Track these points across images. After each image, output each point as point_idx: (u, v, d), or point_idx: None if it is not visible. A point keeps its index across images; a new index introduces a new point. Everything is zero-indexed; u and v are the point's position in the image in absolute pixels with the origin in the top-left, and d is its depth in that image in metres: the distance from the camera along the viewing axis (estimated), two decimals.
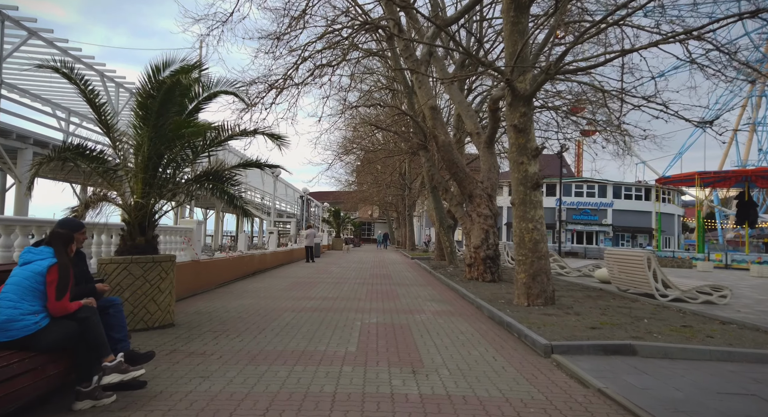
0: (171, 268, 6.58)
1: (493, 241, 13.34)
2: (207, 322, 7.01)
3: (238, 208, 6.45)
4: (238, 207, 6.44)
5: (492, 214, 13.46)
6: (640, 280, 11.14)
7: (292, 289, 11.36)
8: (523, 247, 9.02)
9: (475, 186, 13.52)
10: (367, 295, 10.66)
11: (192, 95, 6.84)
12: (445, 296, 10.88)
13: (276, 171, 21.50)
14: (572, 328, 6.65)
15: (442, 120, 13.71)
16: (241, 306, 8.59)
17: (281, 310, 8.29)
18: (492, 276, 13.11)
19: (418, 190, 38.79)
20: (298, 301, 9.36)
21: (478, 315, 8.38)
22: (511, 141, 9.27)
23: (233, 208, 6.46)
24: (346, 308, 8.72)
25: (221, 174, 6.45)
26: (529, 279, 8.87)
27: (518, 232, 9.13)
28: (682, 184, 38.01)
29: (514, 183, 9.26)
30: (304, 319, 7.50)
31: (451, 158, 13.45)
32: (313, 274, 16.05)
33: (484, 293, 10.58)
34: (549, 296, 8.91)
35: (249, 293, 10.48)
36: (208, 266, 11.16)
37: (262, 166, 7.63)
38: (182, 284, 9.54)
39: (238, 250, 14.75)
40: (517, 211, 9.16)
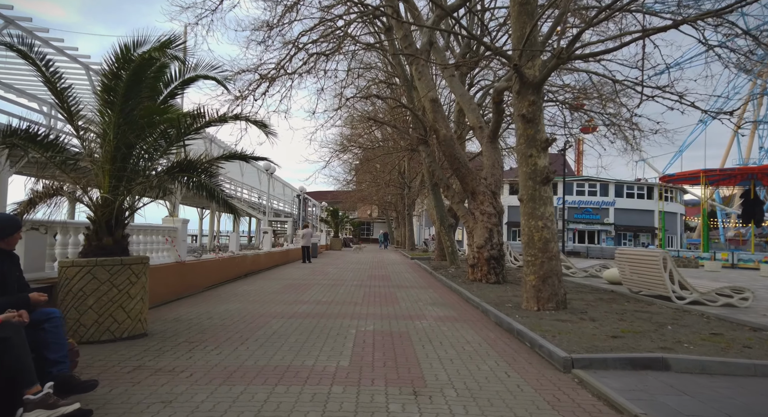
0: (143, 271, 5.89)
1: (498, 241, 12.65)
2: (185, 330, 6.31)
3: (220, 201, 5.75)
4: (220, 201, 5.74)
5: (496, 211, 12.77)
6: (654, 282, 10.46)
7: (285, 292, 10.67)
8: (532, 246, 8.33)
9: (478, 183, 12.84)
10: (365, 299, 9.97)
11: (167, 79, 6.14)
12: (448, 299, 10.20)
13: (270, 168, 20.81)
14: (591, 336, 5.96)
15: (443, 113, 13.04)
16: (226, 311, 7.90)
17: (270, 315, 7.60)
18: (496, 277, 12.43)
19: (418, 189, 38.12)
20: (289, 306, 8.67)
21: (484, 321, 7.69)
22: (518, 132, 8.59)
23: (215, 202, 5.75)
24: (341, 314, 8.03)
25: (196, 164, 5.74)
26: (539, 281, 8.19)
27: (527, 230, 8.45)
28: (686, 182, 37.38)
29: (522, 177, 8.57)
30: (293, 326, 6.81)
31: (452, 153, 12.76)
32: (308, 275, 15.36)
33: (490, 296, 9.90)
34: (560, 300, 8.23)
35: (238, 297, 9.79)
36: (194, 268, 10.47)
37: (247, 158, 6.94)
38: (165, 288, 8.86)
39: (229, 251, 14.06)
40: (526, 207, 8.48)
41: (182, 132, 5.73)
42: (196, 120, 5.72)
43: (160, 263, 8.92)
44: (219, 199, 5.75)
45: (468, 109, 13.81)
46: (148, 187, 5.53)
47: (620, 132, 15.83)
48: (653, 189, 51.54)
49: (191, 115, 5.74)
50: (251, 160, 7.00)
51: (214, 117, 5.87)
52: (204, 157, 6.50)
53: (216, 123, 5.97)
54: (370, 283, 13.44)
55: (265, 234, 18.65)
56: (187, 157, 5.72)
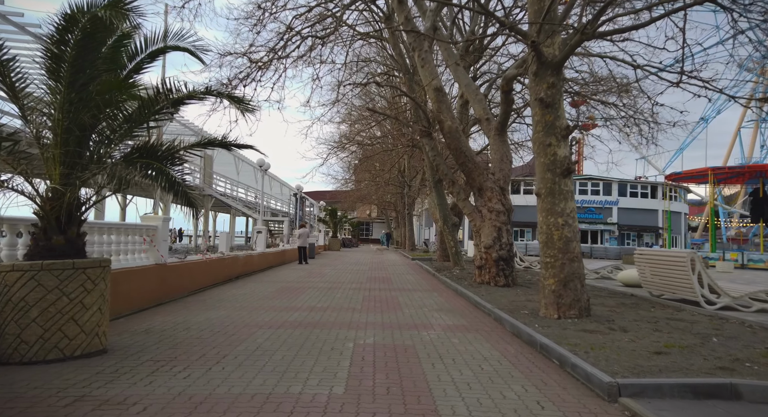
0: (102, 276, 4.98)
1: (507, 240, 11.75)
2: (153, 345, 5.40)
3: (180, 195, 4.84)
4: (179, 193, 4.83)
5: (505, 209, 11.87)
6: (679, 285, 9.57)
7: (277, 297, 9.75)
8: (551, 246, 7.43)
9: (485, 178, 11.94)
10: (364, 305, 9.06)
11: (132, 51, 5.24)
12: (455, 304, 9.30)
13: (264, 164, 19.88)
14: (630, 352, 5.06)
15: (448, 103, 12.13)
16: (207, 320, 6.98)
17: (256, 325, 6.69)
18: (506, 280, 11.52)
19: (418, 188, 37.22)
20: (279, 313, 7.76)
21: (499, 330, 6.79)
22: (535, 118, 7.69)
23: (174, 195, 4.84)
24: (337, 322, 7.12)
25: (157, 150, 4.82)
26: (560, 286, 7.29)
27: (545, 228, 7.55)
28: (693, 180, 36.46)
29: (539, 169, 7.67)
30: (281, 339, 5.90)
31: (458, 146, 11.85)
32: (304, 277, 14.45)
33: (501, 301, 8.99)
34: (584, 307, 7.33)
35: (224, 302, 8.87)
36: (177, 270, 9.56)
37: (228, 145, 6.03)
38: (141, 293, 7.96)
39: (219, 251, 13.15)
40: (544, 203, 7.58)
41: (146, 111, 4.82)
42: (160, 96, 4.80)
43: (136, 266, 8.01)
44: (179, 190, 4.82)
45: (474, 100, 12.92)
46: (106, 176, 4.62)
47: (634, 125, 14.92)
48: (657, 188, 50.69)
49: (156, 90, 4.83)
50: (233, 147, 6.09)
51: (184, 93, 4.96)
52: (179, 144, 5.60)
53: (187, 101, 5.07)
54: (369, 285, 12.53)
55: (258, 234, 17.73)
56: (150, 141, 4.81)
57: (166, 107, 4.86)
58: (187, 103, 5.16)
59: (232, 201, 30.16)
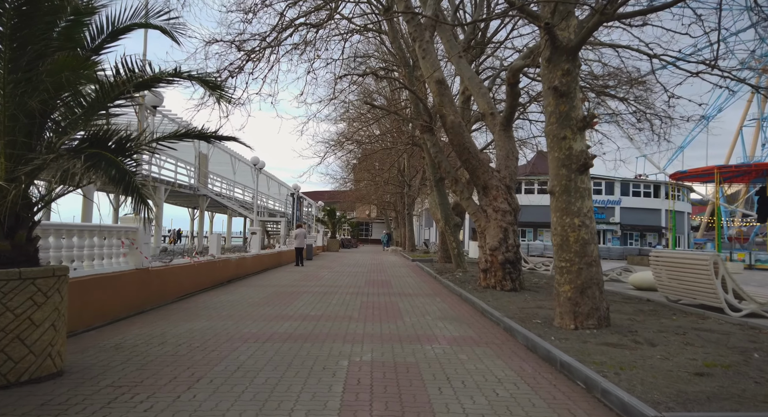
0: (57, 287, 4.30)
1: (514, 242, 11.08)
2: (120, 365, 4.73)
3: (132, 190, 4.15)
4: (132, 189, 4.14)
5: (511, 208, 11.20)
6: (700, 290, 8.91)
7: (268, 304, 9.08)
8: (566, 249, 6.76)
9: (490, 176, 11.26)
10: (361, 312, 8.39)
11: (94, 30, 4.56)
12: (460, 312, 8.62)
13: (259, 163, 19.16)
14: (667, 373, 4.39)
15: (450, 96, 11.45)
16: (187, 333, 6.30)
17: (240, 338, 6.02)
18: (512, 284, 10.85)
19: (418, 188, 36.57)
20: (268, 324, 7.08)
21: (511, 344, 6.11)
22: (548, 109, 7.02)
23: (122, 190, 4.14)
24: (331, 334, 6.44)
25: (109, 138, 4.12)
26: (576, 293, 6.62)
27: (560, 230, 6.87)
28: (698, 179, 35.79)
29: (553, 165, 7.00)
30: (267, 356, 5.22)
31: (461, 142, 11.17)
32: (299, 281, 13.77)
33: (510, 308, 8.32)
34: (603, 316, 6.65)
35: (210, 310, 8.20)
36: (161, 275, 8.88)
37: (207, 138, 5.36)
38: (119, 301, 7.30)
39: (209, 254, 12.48)
40: (558, 202, 6.91)
41: (105, 96, 4.14)
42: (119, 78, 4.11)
43: (112, 272, 7.33)
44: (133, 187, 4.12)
45: (477, 94, 12.24)
46: (52, 168, 3.92)
47: (646, 120, 14.24)
48: (660, 187, 50.07)
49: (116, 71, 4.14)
50: (214, 139, 5.41)
51: (148, 74, 4.28)
52: (149, 135, 4.93)
53: (153, 83, 4.39)
54: (368, 290, 11.86)
55: (253, 235, 17.04)
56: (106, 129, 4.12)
57: (128, 91, 4.18)
58: (154, 87, 4.49)
59: (228, 201, 29.46)
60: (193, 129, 5.27)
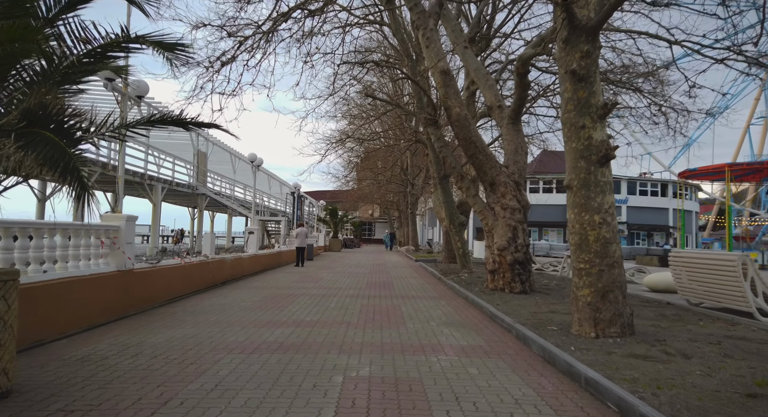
0: (2, 294, 3.71)
1: (523, 241, 10.44)
2: (80, 382, 4.13)
3: (71, 172, 3.52)
4: (70, 171, 3.51)
5: (521, 206, 10.56)
6: (726, 293, 8.26)
7: (261, 308, 8.48)
8: (585, 250, 6.13)
9: (498, 171, 10.63)
10: (361, 317, 7.78)
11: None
12: (467, 316, 8.00)
13: (257, 160, 18.57)
14: (713, 394, 3.76)
15: (456, 88, 10.83)
16: (167, 342, 5.71)
17: (225, 349, 5.42)
18: (522, 285, 10.22)
19: (422, 186, 35.94)
20: (258, 331, 6.48)
21: (525, 354, 5.49)
22: (565, 96, 6.39)
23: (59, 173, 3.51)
24: (326, 344, 5.83)
25: (52, 117, 3.50)
26: (597, 297, 5.99)
27: (578, 228, 6.24)
28: (708, 177, 34.99)
29: (570, 157, 6.37)
30: (251, 370, 4.62)
31: (467, 136, 10.55)
32: (297, 282, 13.17)
33: (521, 313, 7.70)
34: (627, 322, 6.02)
35: (198, 315, 7.60)
36: (147, 278, 8.29)
37: (185, 124, 4.75)
38: (96, 306, 6.72)
39: (202, 254, 11.90)
40: (576, 197, 6.28)
41: (52, 68, 3.54)
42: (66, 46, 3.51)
43: (89, 274, 6.74)
44: (69, 166, 3.46)
45: (484, 86, 11.62)
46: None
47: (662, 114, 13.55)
48: (667, 186, 49.26)
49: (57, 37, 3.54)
50: (192, 127, 4.81)
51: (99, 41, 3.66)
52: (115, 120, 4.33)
53: (106, 51, 3.78)
54: (368, 292, 11.25)
55: (250, 234, 16.44)
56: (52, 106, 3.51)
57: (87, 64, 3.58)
58: (107, 57, 3.88)
59: (227, 200, 28.90)
60: (168, 114, 4.66)
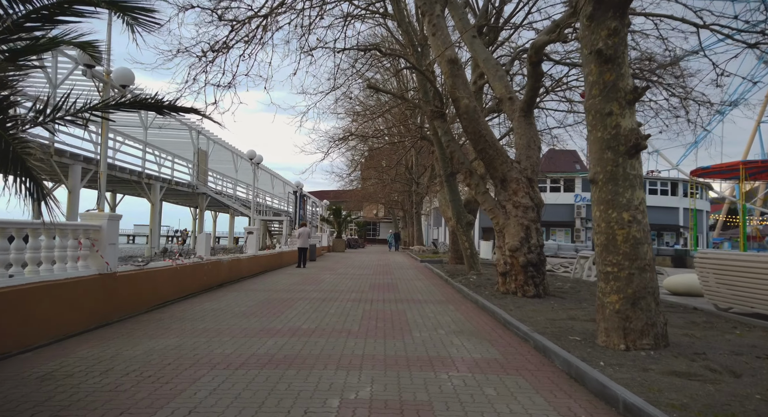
0: None
1: (537, 241, 9.79)
2: (30, 410, 3.53)
3: (13, 162, 2.90)
4: (13, 161, 2.89)
5: (534, 204, 9.91)
6: (763, 297, 7.58)
7: (255, 314, 7.87)
8: (613, 251, 5.48)
9: (509, 167, 9.98)
10: (363, 325, 7.15)
11: None
12: (478, 323, 7.35)
13: (256, 157, 17.97)
14: None
15: (464, 78, 10.18)
16: (145, 355, 5.10)
17: (209, 364, 4.80)
18: (536, 289, 9.56)
19: (427, 185, 35.29)
20: (248, 341, 5.87)
21: (548, 370, 4.85)
22: (590, 79, 5.73)
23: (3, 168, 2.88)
24: (323, 357, 5.21)
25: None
26: (627, 305, 5.34)
27: (604, 227, 5.59)
28: (721, 175, 34.06)
29: (595, 147, 5.72)
30: (235, 390, 4.01)
31: (476, 129, 9.91)
32: (297, 285, 12.57)
33: (537, 319, 7.05)
34: (660, 333, 5.37)
35: (185, 323, 7.01)
36: (133, 281, 7.70)
37: (160, 108, 4.15)
38: (74, 312, 6.14)
39: (197, 256, 11.32)
40: (602, 192, 5.63)
41: None
42: None
43: (66, 278, 6.15)
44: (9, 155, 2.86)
45: (494, 77, 10.96)
46: None
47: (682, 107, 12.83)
48: (678, 185, 48.34)
49: None
50: (169, 111, 4.20)
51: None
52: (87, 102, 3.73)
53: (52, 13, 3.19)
54: (372, 295, 10.62)
55: (249, 234, 15.85)
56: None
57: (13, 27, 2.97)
58: (55, 22, 3.27)
59: (228, 199, 28.37)
60: (139, 96, 4.05)
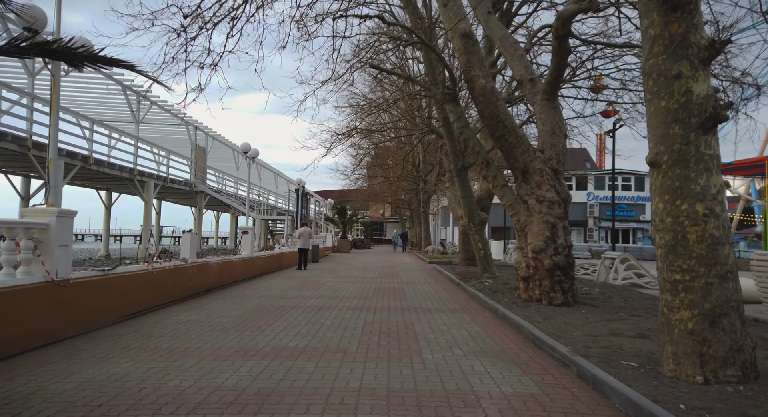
0: None
1: (564, 241, 8.53)
2: None
3: None
4: None
5: (560, 198, 8.66)
6: None
7: (237, 327, 6.68)
8: (683, 254, 4.23)
9: (532, 157, 8.75)
10: (362, 342, 5.94)
11: None
12: (501, 339, 6.12)
13: (251, 151, 16.77)
14: None
15: (480, 54, 8.96)
16: (73, 392, 3.92)
17: (151, 406, 3.61)
18: (564, 296, 8.31)
19: (434, 183, 34.02)
20: (217, 367, 4.67)
21: (605, 412, 3.61)
22: (650, 34, 4.48)
23: None
24: (306, 393, 4.00)
25: None
26: (703, 323, 4.09)
27: (670, 223, 4.35)
28: (744, 172, 32.60)
29: (657, 121, 4.47)
30: None
31: (494, 113, 8.68)
32: (294, 289, 11.39)
33: (574, 336, 5.82)
34: (749, 361, 4.12)
35: (149, 340, 5.83)
36: (92, 290, 6.54)
37: (71, 59, 2.97)
38: (13, 328, 5.00)
39: (180, 258, 10.17)
40: (666, 178, 4.38)
41: None
42: None
43: (8, 286, 5.00)
44: None
45: (512, 56, 9.70)
46: None
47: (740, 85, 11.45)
48: None
49: None
50: (84, 64, 3.02)
51: None
52: None
53: None
54: (375, 302, 9.42)
55: (244, 234, 14.70)
56: None
57: None
58: None
59: (228, 198, 27.26)
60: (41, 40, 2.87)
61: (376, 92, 24.39)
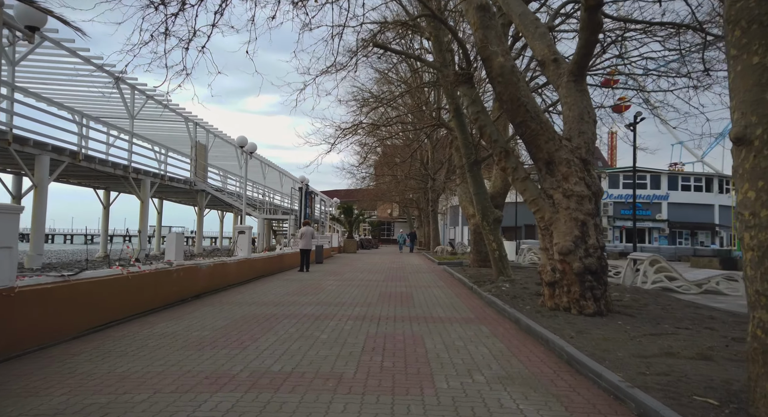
0: None
1: (596, 242, 7.45)
2: None
3: None
4: None
5: (591, 192, 7.59)
6: None
7: (214, 343, 5.69)
8: None
9: (557, 145, 7.69)
10: (362, 364, 4.91)
11: None
12: (531, 360, 5.07)
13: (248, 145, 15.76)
14: None
15: (498, 29, 7.93)
16: None
17: None
18: (596, 304, 7.24)
19: (443, 182, 32.96)
20: (173, 404, 3.67)
21: None
22: None
23: None
24: None
25: None
26: None
27: (766, 217, 3.28)
28: None
29: (745, 85, 3.41)
30: None
31: (515, 95, 7.62)
32: (291, 295, 10.39)
33: (619, 356, 4.76)
34: None
35: (102, 362, 4.85)
36: (47, 299, 5.58)
37: None
38: None
39: (165, 260, 9.22)
40: (760, 158, 3.32)
41: None
42: None
43: None
44: None
45: (533, 35, 8.64)
46: None
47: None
48: (712, 180, 45.16)
49: None
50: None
51: None
52: None
53: None
54: (380, 310, 8.40)
55: (240, 234, 13.73)
56: None
57: None
58: None
59: (229, 197, 26.37)
60: None
61: (382, 86, 23.39)
